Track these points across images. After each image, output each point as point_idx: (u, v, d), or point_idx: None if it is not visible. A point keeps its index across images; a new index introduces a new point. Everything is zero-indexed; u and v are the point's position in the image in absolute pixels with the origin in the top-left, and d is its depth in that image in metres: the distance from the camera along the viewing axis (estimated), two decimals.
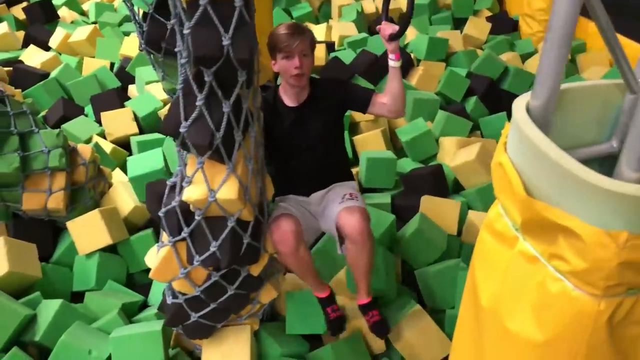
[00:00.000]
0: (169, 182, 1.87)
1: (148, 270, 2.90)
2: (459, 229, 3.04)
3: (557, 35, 0.95)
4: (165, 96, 3.74)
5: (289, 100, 2.27)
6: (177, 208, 1.81)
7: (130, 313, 2.57)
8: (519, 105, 1.04)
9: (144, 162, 2.98)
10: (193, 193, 1.74)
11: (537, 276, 1.05)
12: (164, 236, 1.96)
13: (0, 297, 2.34)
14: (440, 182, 3.27)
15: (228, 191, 1.73)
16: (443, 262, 2.74)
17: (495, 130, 3.83)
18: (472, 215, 3.10)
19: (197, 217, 1.80)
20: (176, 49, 1.63)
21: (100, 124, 3.66)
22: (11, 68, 4.08)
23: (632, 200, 0.85)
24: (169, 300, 2.10)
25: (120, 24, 5.15)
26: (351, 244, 2.16)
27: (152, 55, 2.83)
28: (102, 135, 3.59)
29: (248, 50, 1.58)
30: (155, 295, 2.75)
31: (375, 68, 4.06)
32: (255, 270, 2.06)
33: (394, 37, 2.15)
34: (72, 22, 5.18)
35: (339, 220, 2.17)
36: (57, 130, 2.79)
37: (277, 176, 2.32)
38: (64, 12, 5.25)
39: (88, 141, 3.50)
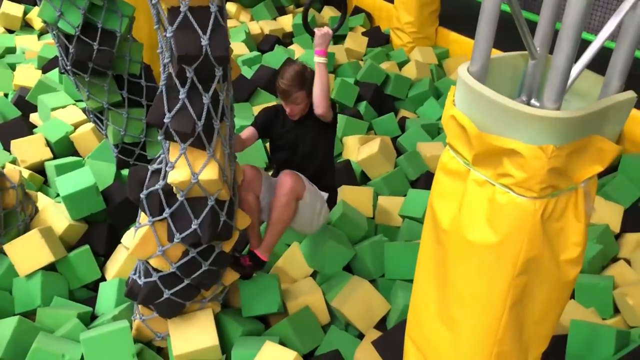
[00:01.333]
0: (151, 168, 2.06)
1: (88, 285, 3.00)
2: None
3: (487, 16, 1.35)
4: (76, 120, 3.79)
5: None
6: (160, 191, 2.01)
7: (84, 323, 2.64)
8: (463, 70, 1.42)
9: (74, 181, 3.04)
10: (178, 176, 1.97)
11: (488, 194, 1.43)
12: (143, 217, 2.14)
13: None
14: (350, 175, 3.67)
15: (210, 173, 1.98)
16: (368, 239, 3.12)
17: (386, 128, 4.33)
18: (381, 200, 3.53)
19: (180, 198, 2.02)
20: (158, 50, 1.84)
21: (10, 152, 3.62)
22: None
23: (554, 122, 1.26)
24: (141, 281, 2.26)
25: (2, 56, 5.03)
26: (275, 199, 2.53)
27: (76, 77, 2.96)
28: (13, 163, 3.56)
29: (224, 48, 1.85)
30: (103, 305, 2.83)
31: (275, 81, 4.38)
32: (227, 247, 2.29)
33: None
34: None
35: (278, 179, 2.55)
36: None
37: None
38: None
39: None
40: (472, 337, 1.60)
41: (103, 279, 3.01)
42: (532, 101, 1.56)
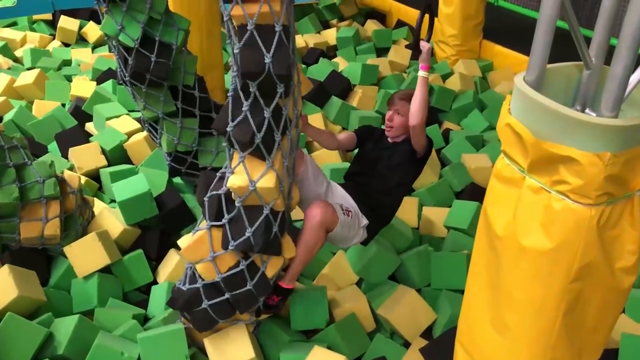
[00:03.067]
0: (218, 174, 2.17)
1: (141, 288, 3.10)
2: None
3: (543, 26, 1.38)
4: (129, 129, 3.94)
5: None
6: (223, 196, 2.10)
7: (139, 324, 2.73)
8: (519, 79, 1.46)
9: (130, 187, 3.17)
10: (236, 181, 2.06)
11: (543, 201, 1.46)
12: (203, 222, 2.23)
13: (20, 318, 2.46)
14: None
15: (267, 181, 2.06)
16: (413, 249, 3.15)
17: None
18: (426, 210, 3.55)
19: (237, 204, 2.10)
20: (230, 63, 1.95)
21: (67, 160, 3.79)
22: None
23: (612, 129, 1.28)
24: (185, 287, 2.34)
25: (59, 68, 5.26)
26: (302, 231, 2.40)
27: (134, 87, 3.09)
28: (71, 169, 3.72)
29: (285, 67, 1.94)
30: (154, 307, 2.92)
31: (320, 92, 4.48)
32: (270, 271, 2.33)
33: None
34: (9, 69, 5.22)
35: (307, 209, 2.41)
36: (49, 161, 2.94)
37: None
38: None
39: None
40: (525, 343, 1.61)
41: (155, 282, 3.11)
42: (587, 110, 1.58)
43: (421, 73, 2.59)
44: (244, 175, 2.05)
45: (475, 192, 3.64)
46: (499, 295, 1.65)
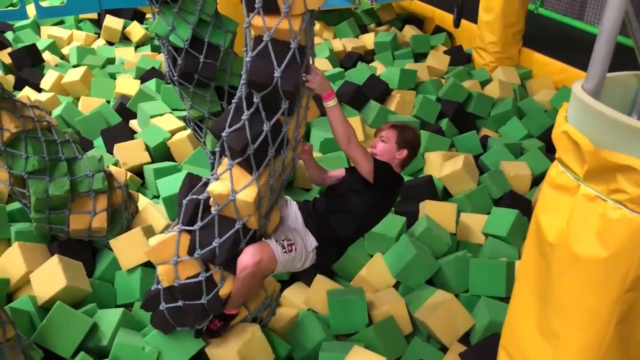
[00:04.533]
0: (204, 178, 2.17)
1: None
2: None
3: (606, 35, 1.39)
4: (172, 127, 4.03)
5: None
6: (201, 201, 2.10)
7: None
8: (577, 87, 1.47)
9: (174, 184, 3.24)
10: (217, 187, 2.04)
11: (599, 210, 1.46)
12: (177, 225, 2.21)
13: (68, 307, 2.55)
14: (432, 191, 3.71)
15: (247, 194, 2.02)
16: (451, 255, 3.15)
17: (468, 146, 4.34)
18: (463, 216, 3.55)
19: (213, 212, 2.08)
20: (241, 72, 1.98)
21: (112, 155, 3.89)
22: None
23: None
24: (153, 287, 2.34)
25: (103, 66, 5.39)
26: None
27: (181, 87, 3.16)
28: (115, 165, 3.81)
29: (293, 84, 1.93)
30: None
31: (358, 96, 4.51)
32: (224, 290, 2.24)
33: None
34: (56, 65, 5.37)
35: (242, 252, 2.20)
36: (98, 156, 3.03)
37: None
38: (47, 56, 5.44)
39: None
40: (575, 352, 1.61)
41: None
42: None
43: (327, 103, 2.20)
44: (227, 183, 2.02)
45: (514, 200, 3.62)
46: (548, 303, 1.65)
